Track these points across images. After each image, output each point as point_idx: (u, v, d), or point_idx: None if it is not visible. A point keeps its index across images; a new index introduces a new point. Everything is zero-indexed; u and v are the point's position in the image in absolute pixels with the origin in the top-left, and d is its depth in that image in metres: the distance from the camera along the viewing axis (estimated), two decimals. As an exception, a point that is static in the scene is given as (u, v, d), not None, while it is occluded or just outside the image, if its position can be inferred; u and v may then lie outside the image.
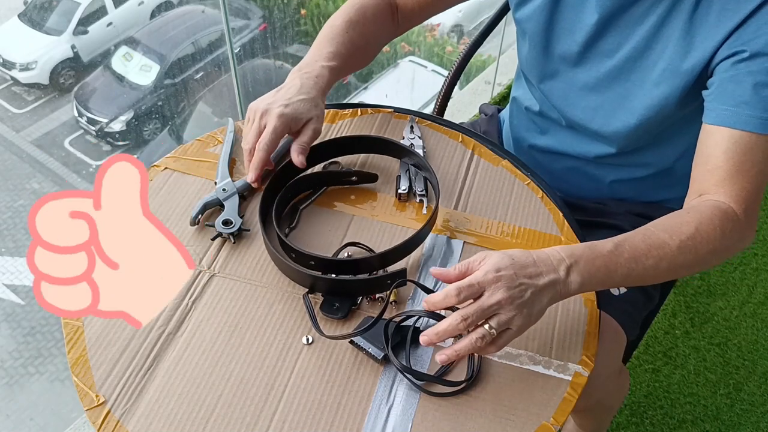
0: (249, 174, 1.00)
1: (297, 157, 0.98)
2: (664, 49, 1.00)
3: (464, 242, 1.00)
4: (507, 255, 0.80)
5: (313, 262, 0.92)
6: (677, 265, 0.88)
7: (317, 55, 1.06)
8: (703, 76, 0.98)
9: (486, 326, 0.78)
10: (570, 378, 0.85)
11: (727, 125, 0.92)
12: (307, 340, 0.87)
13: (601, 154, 1.16)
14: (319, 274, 0.91)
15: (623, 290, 1.16)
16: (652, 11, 0.99)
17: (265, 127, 0.97)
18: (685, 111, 1.04)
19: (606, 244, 0.85)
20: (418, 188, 1.04)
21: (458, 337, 0.81)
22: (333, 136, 1.12)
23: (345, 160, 1.10)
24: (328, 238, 0.99)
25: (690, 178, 0.97)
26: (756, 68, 0.91)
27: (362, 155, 1.11)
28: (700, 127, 0.97)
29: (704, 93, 0.97)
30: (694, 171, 0.96)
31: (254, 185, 1.01)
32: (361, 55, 1.14)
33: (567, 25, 1.07)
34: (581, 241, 1.01)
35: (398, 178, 1.06)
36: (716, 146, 0.93)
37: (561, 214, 1.04)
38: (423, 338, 0.80)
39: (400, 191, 1.04)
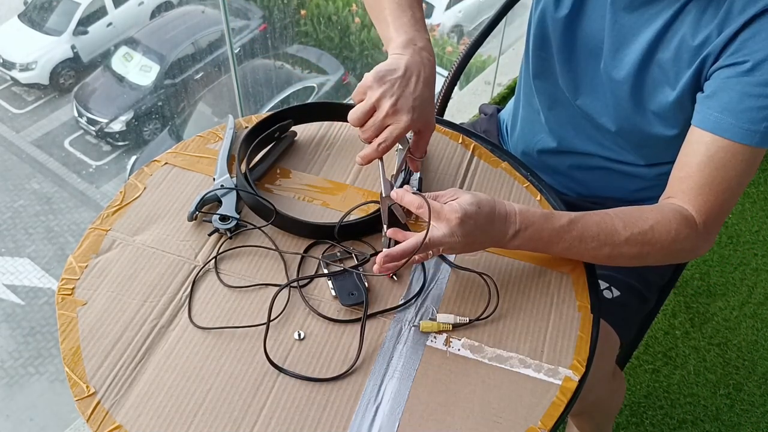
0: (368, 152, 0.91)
1: (413, 164, 0.99)
2: (674, 36, 0.97)
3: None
4: (476, 203, 0.86)
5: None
6: (618, 255, 0.91)
7: (408, 25, 0.95)
8: (705, 63, 0.94)
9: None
10: (560, 382, 0.84)
11: (708, 129, 0.91)
12: (299, 335, 0.87)
13: (612, 150, 1.14)
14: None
15: (617, 293, 1.15)
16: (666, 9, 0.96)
17: (387, 128, 0.90)
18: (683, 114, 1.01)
19: (561, 218, 0.89)
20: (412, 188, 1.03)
21: None
22: (332, 136, 1.12)
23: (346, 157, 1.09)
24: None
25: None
26: (749, 80, 0.89)
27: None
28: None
29: (698, 95, 0.95)
30: (672, 171, 0.97)
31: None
32: None
33: (589, 13, 1.03)
34: None
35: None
36: (694, 154, 0.93)
37: None
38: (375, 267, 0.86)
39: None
